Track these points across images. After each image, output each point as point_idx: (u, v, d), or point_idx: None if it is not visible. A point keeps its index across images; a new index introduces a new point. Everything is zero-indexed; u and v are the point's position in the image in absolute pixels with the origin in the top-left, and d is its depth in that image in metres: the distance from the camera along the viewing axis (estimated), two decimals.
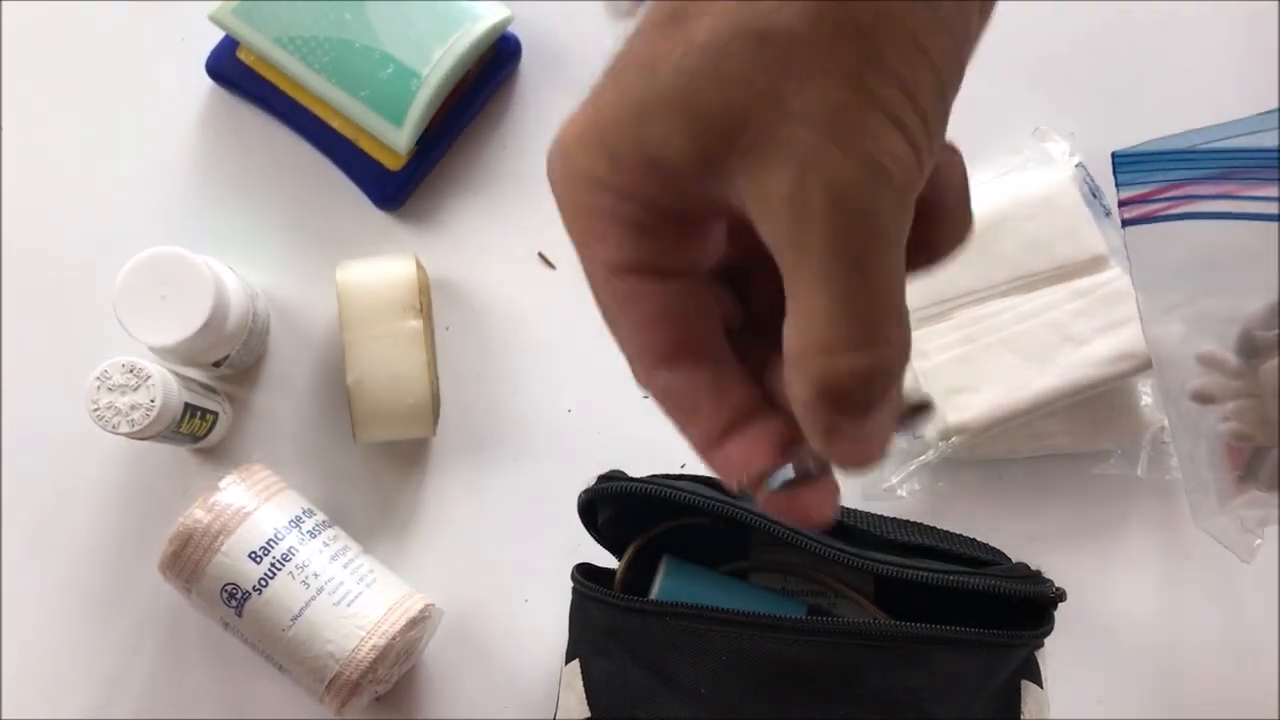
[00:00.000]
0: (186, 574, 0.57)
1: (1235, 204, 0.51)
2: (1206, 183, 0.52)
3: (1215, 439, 0.53)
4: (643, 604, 0.51)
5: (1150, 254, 0.53)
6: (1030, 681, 0.52)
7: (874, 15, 0.24)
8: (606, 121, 0.29)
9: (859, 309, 0.26)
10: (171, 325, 0.58)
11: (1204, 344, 0.53)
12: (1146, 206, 0.53)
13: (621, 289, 0.31)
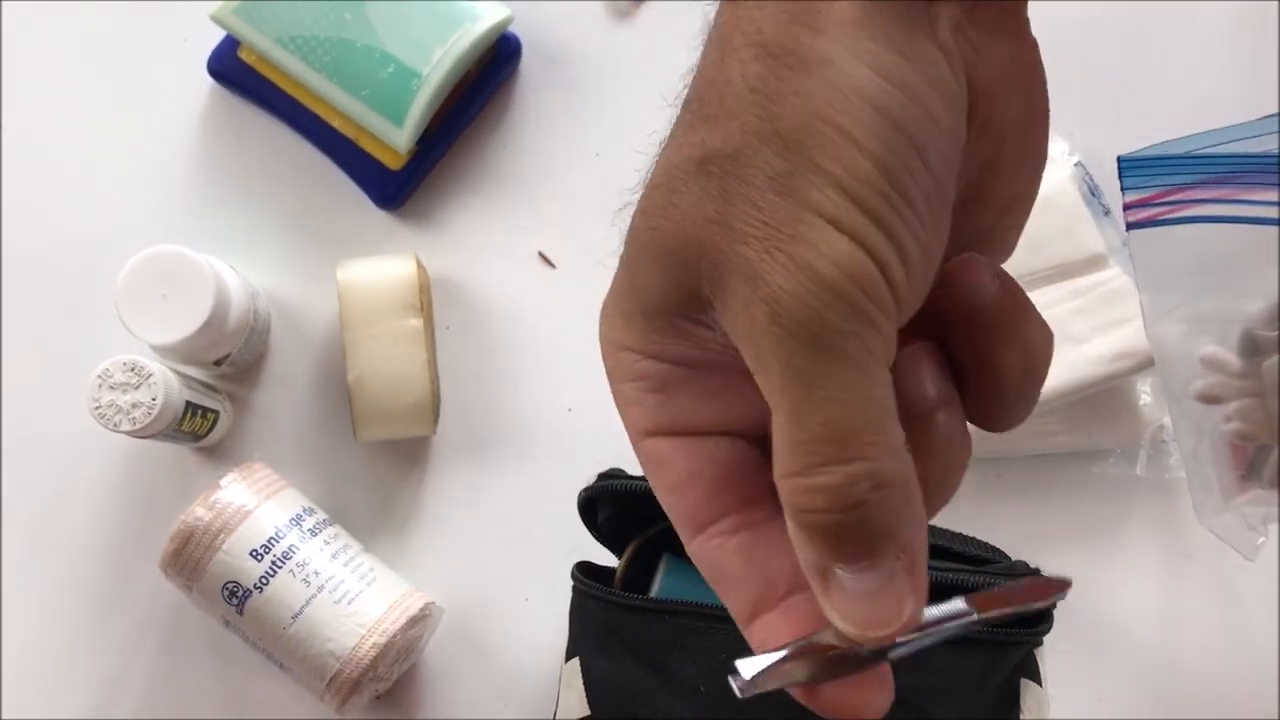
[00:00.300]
0: (188, 572, 0.57)
1: (1237, 208, 0.52)
2: (1209, 187, 0.52)
3: (1218, 438, 0.54)
4: (643, 602, 0.51)
5: (1154, 257, 0.53)
6: (1030, 680, 0.52)
7: (799, 118, 0.23)
8: (615, 285, 0.28)
9: (816, 427, 0.23)
10: (173, 324, 0.58)
11: (1206, 344, 0.53)
12: (1150, 210, 0.53)
13: (650, 452, 0.29)
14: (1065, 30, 0.68)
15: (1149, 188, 0.53)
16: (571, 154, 0.68)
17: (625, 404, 0.29)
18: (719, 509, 0.28)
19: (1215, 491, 0.54)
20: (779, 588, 0.27)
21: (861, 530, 0.24)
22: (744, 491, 0.28)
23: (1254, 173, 0.51)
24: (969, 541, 0.54)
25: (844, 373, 0.23)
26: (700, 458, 0.28)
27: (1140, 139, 0.67)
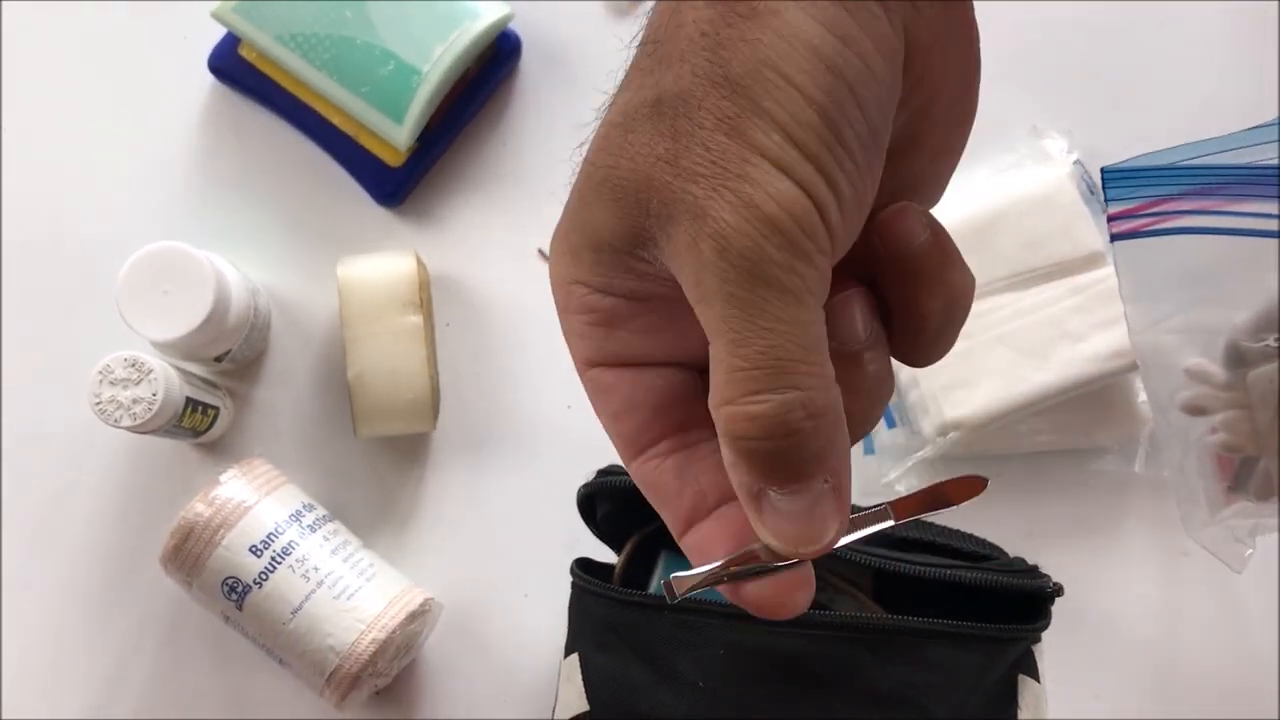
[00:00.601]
0: (187, 568, 0.57)
1: (1221, 219, 0.52)
2: (1193, 198, 0.52)
3: (1204, 449, 0.54)
4: (641, 598, 0.51)
5: (1138, 268, 0.53)
6: (1028, 676, 0.52)
7: (747, 64, 0.25)
8: (565, 219, 0.30)
9: (755, 355, 0.25)
10: (173, 320, 0.58)
11: (1191, 356, 0.53)
12: (1134, 221, 0.53)
13: (593, 382, 0.31)
14: (1065, 29, 0.68)
15: (1133, 199, 0.53)
16: (571, 151, 0.68)
17: (572, 335, 0.31)
18: (656, 434, 0.30)
19: (1202, 504, 0.54)
20: (710, 499, 0.30)
21: (794, 456, 0.26)
22: (680, 418, 0.30)
23: (1238, 184, 0.52)
24: (967, 538, 0.55)
25: (783, 304, 0.25)
26: (640, 387, 0.30)
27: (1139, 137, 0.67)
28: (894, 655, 0.49)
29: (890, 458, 0.62)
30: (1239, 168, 0.51)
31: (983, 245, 0.62)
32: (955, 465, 0.64)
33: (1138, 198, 0.53)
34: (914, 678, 0.49)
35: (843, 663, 0.49)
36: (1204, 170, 0.52)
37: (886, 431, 0.62)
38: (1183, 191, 0.52)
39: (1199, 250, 0.52)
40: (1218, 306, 0.53)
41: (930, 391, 0.61)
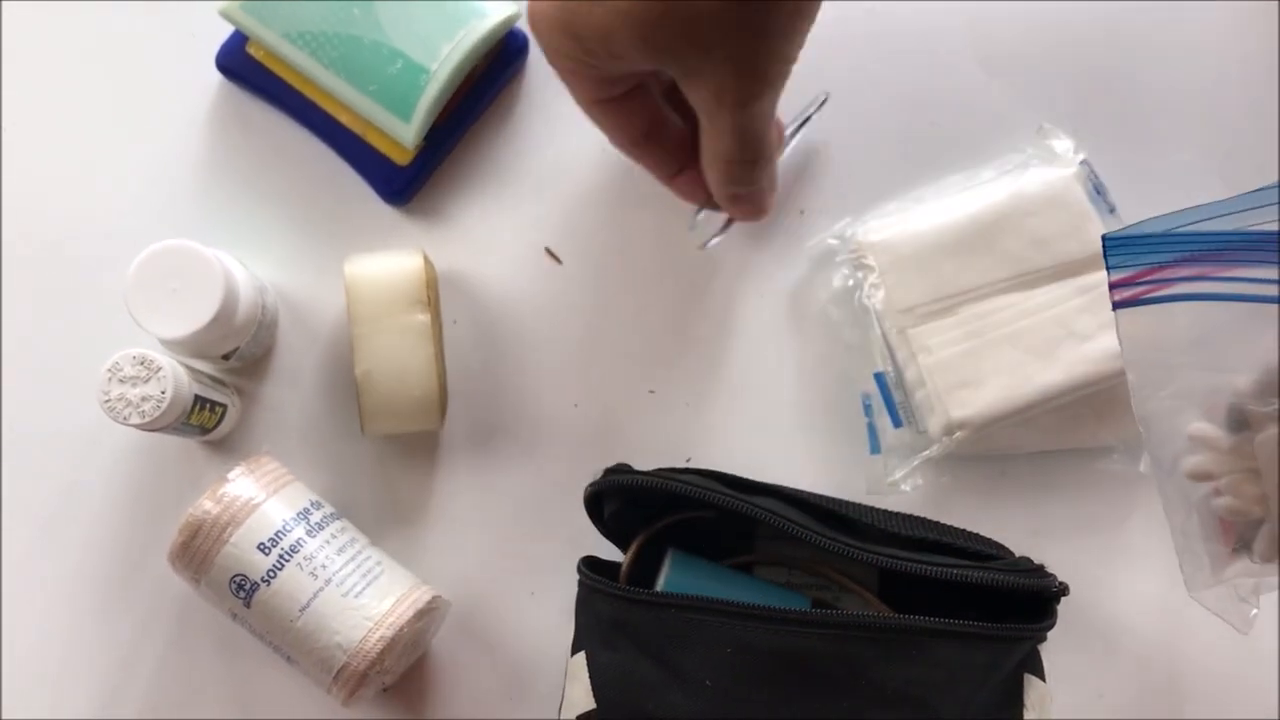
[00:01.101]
0: (195, 565, 0.58)
1: (1220, 285, 0.52)
2: (1192, 264, 0.52)
3: (1207, 512, 0.53)
4: (648, 596, 0.51)
5: (1139, 333, 0.54)
6: (1033, 675, 0.52)
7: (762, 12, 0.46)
8: (577, 17, 0.48)
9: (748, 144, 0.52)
10: (182, 318, 0.58)
11: (1193, 420, 0.53)
12: (1135, 289, 0.53)
13: (597, 111, 0.55)
14: (1072, 28, 0.68)
15: (1133, 265, 0.53)
16: (578, 149, 0.68)
17: (571, 82, 0.54)
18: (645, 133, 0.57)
19: (1205, 565, 0.53)
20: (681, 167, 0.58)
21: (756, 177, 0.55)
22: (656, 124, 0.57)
23: (1236, 250, 0.52)
24: (972, 538, 0.55)
25: (765, 123, 0.52)
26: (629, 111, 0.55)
27: (1144, 137, 0.67)
28: (900, 654, 0.49)
29: (896, 457, 0.62)
30: (1237, 234, 0.51)
31: (989, 245, 0.62)
32: (961, 464, 0.64)
33: (1138, 264, 0.53)
34: (920, 676, 0.49)
35: (849, 661, 0.49)
36: (1202, 236, 0.52)
37: (893, 431, 0.62)
38: (1182, 258, 0.52)
39: (1199, 316, 0.53)
40: (1219, 371, 0.53)
41: (936, 391, 0.61)
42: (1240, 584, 0.53)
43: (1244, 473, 0.52)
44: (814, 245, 0.66)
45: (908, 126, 0.67)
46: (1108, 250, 0.54)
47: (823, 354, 0.66)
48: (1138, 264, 0.53)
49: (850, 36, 0.69)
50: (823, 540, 0.51)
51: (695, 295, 0.67)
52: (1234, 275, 0.51)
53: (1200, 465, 0.53)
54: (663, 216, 0.67)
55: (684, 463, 0.65)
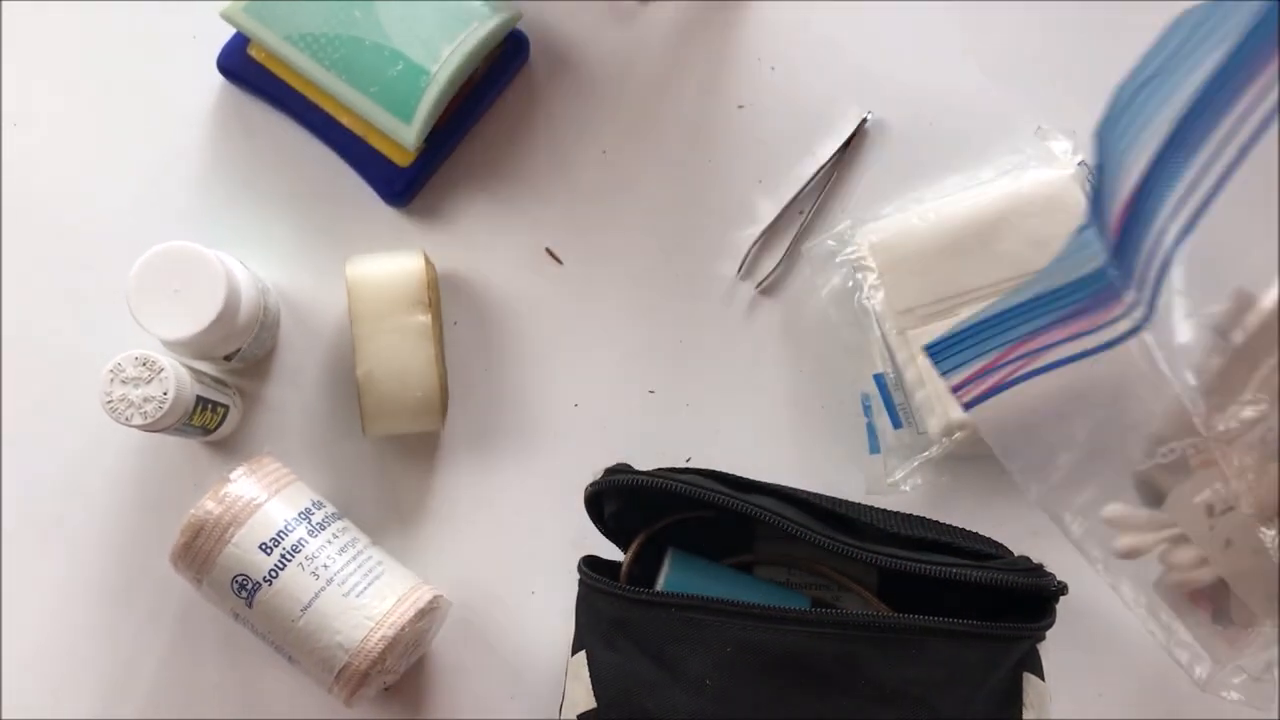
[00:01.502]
0: (197, 565, 0.58)
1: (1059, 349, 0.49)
2: (1027, 339, 0.50)
3: (1168, 593, 0.51)
4: (649, 595, 0.52)
5: (1004, 430, 0.51)
6: (1032, 674, 0.52)
7: None
8: None
9: None
10: (184, 319, 0.58)
11: (1104, 505, 0.51)
12: (980, 384, 0.51)
13: None
14: (1070, 29, 0.68)
15: (968, 364, 0.51)
16: (579, 151, 0.68)
17: None
18: None
19: (1203, 655, 0.51)
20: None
21: None
22: None
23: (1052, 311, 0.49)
24: (971, 537, 0.55)
25: None
26: None
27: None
28: (900, 653, 0.49)
29: (896, 457, 0.63)
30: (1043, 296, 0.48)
31: (987, 246, 0.62)
32: (960, 464, 0.64)
33: (972, 362, 0.51)
34: (919, 675, 0.49)
35: (849, 660, 0.49)
36: (1016, 311, 0.49)
37: (892, 431, 0.63)
38: (1009, 339, 0.50)
39: (1051, 390, 0.50)
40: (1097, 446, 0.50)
41: (936, 391, 0.61)
42: (1250, 664, 0.50)
43: (1170, 541, 0.49)
44: (813, 247, 0.66)
45: (906, 128, 0.68)
46: (934, 360, 0.52)
47: (822, 355, 0.66)
48: (971, 361, 0.51)
49: (848, 38, 0.69)
50: (822, 539, 0.51)
51: (695, 296, 0.67)
52: (1070, 334, 0.49)
53: (1129, 544, 0.51)
54: (663, 218, 0.68)
55: (684, 462, 0.65)
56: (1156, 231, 0.44)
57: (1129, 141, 0.44)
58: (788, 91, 0.68)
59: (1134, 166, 0.43)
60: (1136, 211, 0.44)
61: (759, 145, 0.68)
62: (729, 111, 0.68)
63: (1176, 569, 0.49)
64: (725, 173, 0.68)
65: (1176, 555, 0.49)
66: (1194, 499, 0.47)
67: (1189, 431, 0.47)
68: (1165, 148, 0.42)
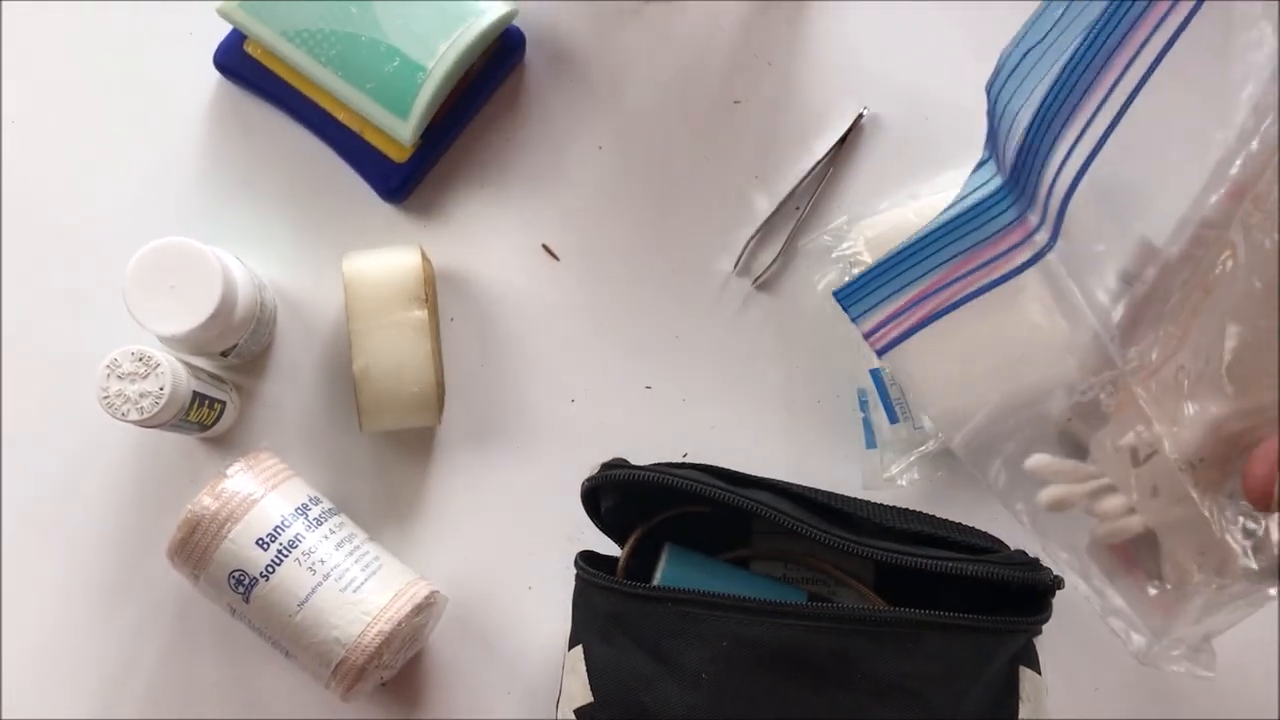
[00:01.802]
0: (194, 560, 0.58)
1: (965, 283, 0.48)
2: (933, 274, 0.49)
3: (1100, 553, 0.49)
4: (645, 590, 0.52)
5: (922, 375, 0.50)
6: (1028, 668, 0.53)
7: None
8: None
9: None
10: (180, 315, 0.58)
11: (1018, 452, 0.49)
12: (893, 326, 0.50)
13: None
14: None
15: (878, 306, 0.50)
16: (574, 147, 0.68)
17: None
18: None
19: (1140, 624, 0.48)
20: None
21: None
22: None
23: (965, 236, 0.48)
24: (967, 531, 0.55)
25: None
26: None
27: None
28: (896, 646, 0.49)
29: (892, 452, 0.63)
30: (955, 219, 0.47)
31: None
32: (957, 459, 0.64)
33: (881, 303, 0.49)
34: (916, 669, 0.49)
35: (845, 654, 0.49)
36: (921, 243, 0.48)
37: (888, 426, 0.63)
38: (919, 274, 0.48)
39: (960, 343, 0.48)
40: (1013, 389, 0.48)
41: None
42: (1189, 636, 0.48)
43: (1098, 488, 0.48)
44: (810, 242, 0.66)
45: (903, 124, 0.68)
46: (844, 306, 0.51)
47: (819, 350, 0.66)
48: (881, 302, 0.50)
49: (844, 35, 0.69)
50: (819, 534, 0.51)
51: (692, 292, 0.67)
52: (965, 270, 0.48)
53: (1054, 495, 0.49)
54: (660, 213, 0.68)
55: (681, 458, 0.65)
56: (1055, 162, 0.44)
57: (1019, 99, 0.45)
58: (784, 87, 0.68)
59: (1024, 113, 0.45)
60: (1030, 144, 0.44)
61: (755, 141, 0.68)
62: (726, 107, 0.68)
63: (1105, 518, 0.47)
64: (722, 168, 0.68)
65: (1104, 504, 0.47)
66: (1117, 443, 0.46)
67: (1105, 366, 0.46)
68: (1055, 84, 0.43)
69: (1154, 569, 0.48)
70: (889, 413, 0.63)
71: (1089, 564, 0.49)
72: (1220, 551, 0.44)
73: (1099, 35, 0.42)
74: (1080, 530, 0.49)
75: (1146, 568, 0.48)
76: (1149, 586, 0.48)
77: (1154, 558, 0.47)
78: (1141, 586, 0.48)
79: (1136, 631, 0.48)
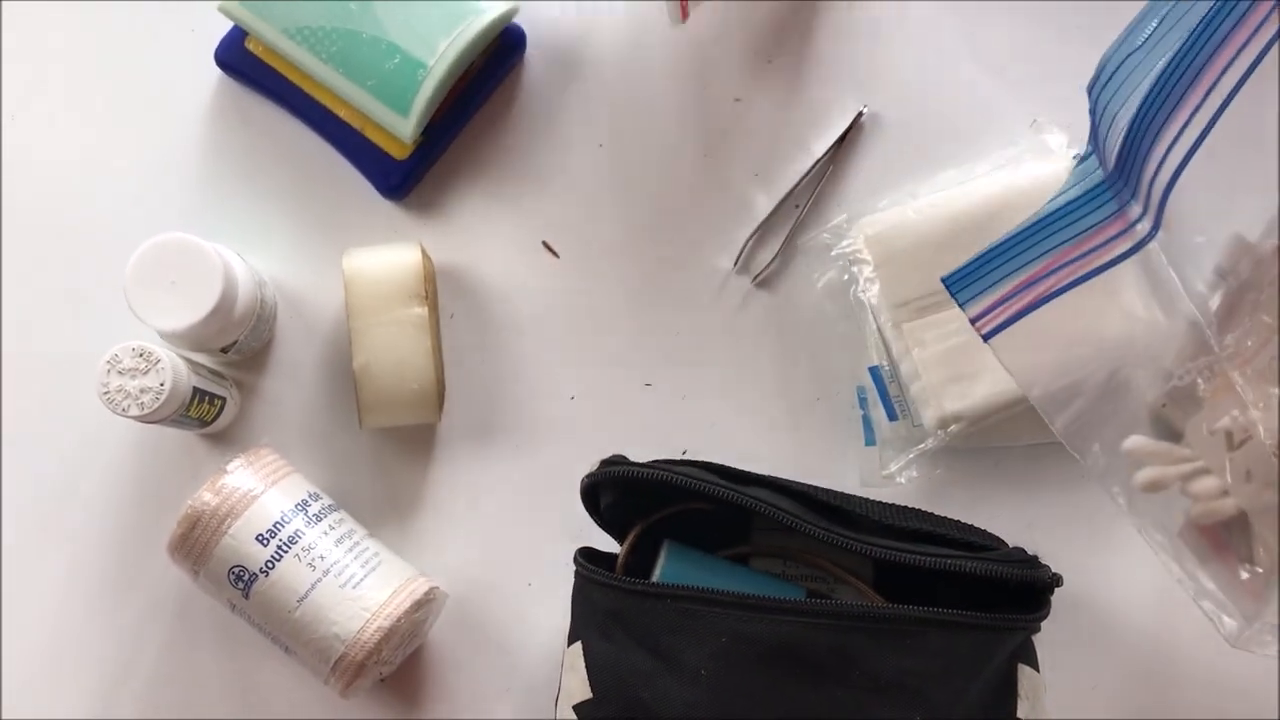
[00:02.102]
0: (194, 556, 0.58)
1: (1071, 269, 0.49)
2: (1041, 260, 0.50)
3: (1193, 535, 0.49)
4: (644, 587, 0.52)
5: (1025, 359, 0.50)
6: (1027, 666, 0.53)
7: None
8: None
9: None
10: (181, 310, 0.58)
11: (1120, 434, 0.49)
12: (999, 312, 0.51)
13: None
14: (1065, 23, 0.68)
15: (987, 293, 0.51)
16: (575, 145, 0.68)
17: None
18: None
19: (1231, 608, 0.48)
20: None
21: None
22: None
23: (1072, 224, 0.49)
24: (966, 529, 0.55)
25: None
26: None
27: None
28: (894, 644, 0.49)
29: (891, 450, 0.63)
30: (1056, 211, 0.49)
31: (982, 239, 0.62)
32: (955, 457, 0.64)
33: (991, 289, 0.50)
34: (914, 666, 0.49)
35: (844, 651, 0.49)
36: (1028, 231, 0.49)
37: (888, 424, 0.63)
38: (1027, 262, 0.50)
39: (1066, 313, 0.49)
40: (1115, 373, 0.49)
41: (931, 384, 0.61)
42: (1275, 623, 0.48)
43: (1193, 471, 0.48)
44: (809, 240, 0.66)
45: (902, 122, 0.68)
46: (953, 292, 0.52)
47: (818, 348, 0.66)
48: (991, 289, 0.51)
49: (844, 33, 0.69)
50: (818, 531, 0.51)
51: (692, 290, 0.67)
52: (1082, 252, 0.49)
53: (1149, 477, 0.49)
54: (659, 211, 0.68)
55: (680, 455, 0.65)
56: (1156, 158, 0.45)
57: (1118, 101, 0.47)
58: (784, 85, 0.68)
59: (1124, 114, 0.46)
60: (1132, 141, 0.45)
61: (755, 139, 0.68)
62: (726, 105, 0.68)
63: (1200, 499, 0.48)
64: (722, 166, 0.68)
65: (1199, 486, 0.48)
66: (1212, 426, 0.47)
67: (1202, 352, 0.47)
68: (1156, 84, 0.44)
69: (1246, 553, 0.48)
70: (888, 410, 0.63)
71: (1181, 547, 0.50)
72: None
73: (1200, 36, 0.43)
74: (1174, 514, 0.50)
75: (1239, 551, 0.48)
76: (1241, 570, 0.48)
77: (1246, 542, 0.48)
78: (1233, 570, 0.48)
79: (1228, 615, 0.49)
